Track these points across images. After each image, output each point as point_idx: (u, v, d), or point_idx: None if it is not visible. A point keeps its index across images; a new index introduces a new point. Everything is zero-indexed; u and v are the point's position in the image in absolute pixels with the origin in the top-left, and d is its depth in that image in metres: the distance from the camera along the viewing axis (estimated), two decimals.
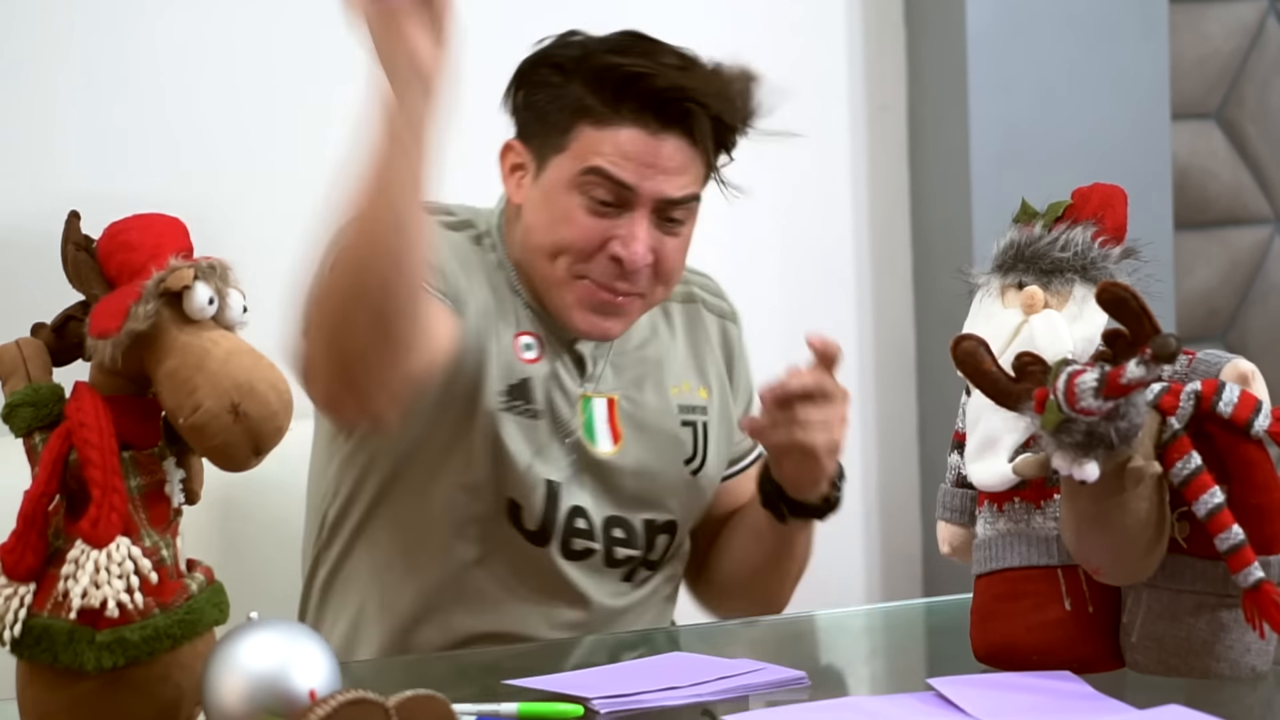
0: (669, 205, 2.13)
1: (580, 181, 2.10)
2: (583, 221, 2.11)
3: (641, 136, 2.10)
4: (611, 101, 2.10)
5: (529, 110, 2.16)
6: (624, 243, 2.10)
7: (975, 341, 1.63)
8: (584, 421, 2.18)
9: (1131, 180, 1.89)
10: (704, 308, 2.32)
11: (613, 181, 2.10)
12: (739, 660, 1.85)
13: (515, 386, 2.14)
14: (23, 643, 1.48)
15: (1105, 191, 1.77)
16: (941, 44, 3.00)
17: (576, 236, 2.11)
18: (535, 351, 2.15)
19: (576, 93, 2.11)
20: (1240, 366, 1.70)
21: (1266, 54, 3.29)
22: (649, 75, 2.10)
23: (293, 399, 1.49)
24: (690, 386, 2.26)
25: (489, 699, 1.65)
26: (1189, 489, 1.60)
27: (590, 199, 2.10)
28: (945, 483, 1.83)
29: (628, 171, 2.10)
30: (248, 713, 1.42)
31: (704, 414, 2.26)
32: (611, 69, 2.11)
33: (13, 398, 1.51)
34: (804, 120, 2.99)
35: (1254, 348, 3.28)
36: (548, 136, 2.13)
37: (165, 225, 1.52)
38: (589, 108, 2.11)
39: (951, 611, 2.03)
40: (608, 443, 2.19)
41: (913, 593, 3.08)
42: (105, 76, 2.65)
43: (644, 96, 2.10)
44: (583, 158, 2.10)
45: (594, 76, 2.11)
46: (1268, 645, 1.66)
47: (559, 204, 2.12)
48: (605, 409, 2.20)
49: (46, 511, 1.48)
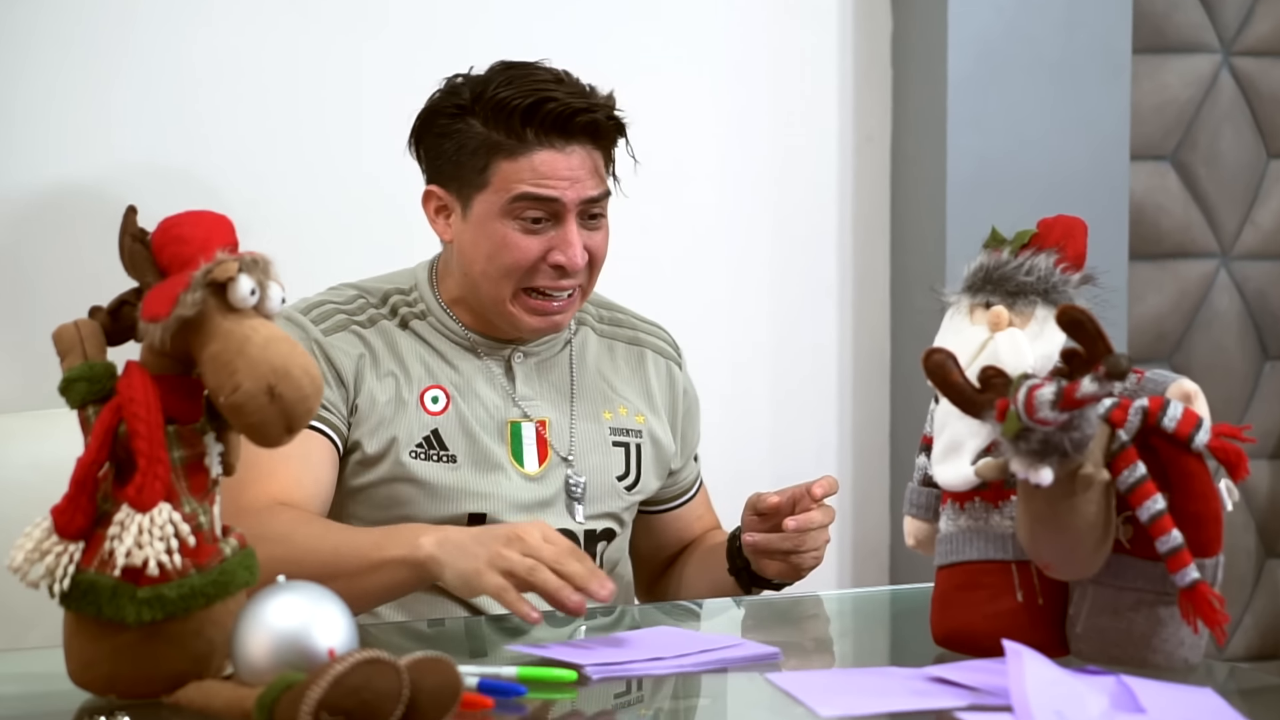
0: (590, 205, 2.17)
1: (510, 209, 2.14)
2: (521, 243, 2.15)
3: (552, 155, 2.15)
4: (519, 132, 2.14)
5: (440, 157, 2.19)
6: (562, 250, 2.15)
7: (944, 354, 1.63)
8: (511, 446, 2.19)
9: (1092, 213, 1.89)
10: (649, 350, 2.34)
11: (540, 201, 2.14)
12: (719, 635, 1.86)
13: (428, 439, 2.17)
14: (70, 596, 1.48)
15: (1067, 223, 1.77)
16: (924, 84, 3.00)
17: (519, 257, 2.15)
18: (441, 403, 2.18)
19: (480, 132, 2.15)
20: (1184, 386, 1.70)
21: (1219, 103, 3.29)
22: (545, 101, 2.14)
23: (323, 384, 1.49)
24: (627, 411, 2.29)
25: (490, 663, 1.65)
26: (1134, 495, 1.60)
27: (522, 221, 2.15)
28: (913, 482, 1.84)
29: (550, 188, 2.14)
30: (272, 666, 1.42)
31: (639, 437, 2.29)
32: (509, 103, 2.13)
33: (70, 373, 1.52)
34: (795, 149, 3.03)
35: (1197, 369, 3.28)
36: (466, 177, 2.16)
37: (214, 222, 1.52)
38: (498, 143, 2.14)
39: (914, 599, 2.04)
40: (534, 463, 2.20)
41: (880, 580, 3.08)
42: (162, 59, 2.66)
43: (546, 120, 2.14)
44: (506, 189, 2.14)
45: (494, 114, 2.14)
46: (1199, 640, 1.66)
47: (495, 234, 2.15)
48: (534, 431, 2.21)
49: (96, 478, 1.49)
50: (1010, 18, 2.97)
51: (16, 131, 2.60)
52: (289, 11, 2.71)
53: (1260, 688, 1.84)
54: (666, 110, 2.90)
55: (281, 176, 2.71)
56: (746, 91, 2.99)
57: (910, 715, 1.55)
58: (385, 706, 1.36)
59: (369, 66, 2.74)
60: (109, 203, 2.45)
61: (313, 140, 2.73)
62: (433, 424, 2.17)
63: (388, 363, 2.17)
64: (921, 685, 1.60)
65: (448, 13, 2.78)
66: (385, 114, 2.35)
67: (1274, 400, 3.38)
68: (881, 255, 3.08)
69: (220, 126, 2.68)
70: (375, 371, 2.16)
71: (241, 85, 2.69)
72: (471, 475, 2.17)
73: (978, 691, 1.56)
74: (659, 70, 2.91)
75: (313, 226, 2.72)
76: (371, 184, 2.72)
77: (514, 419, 2.21)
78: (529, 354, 2.24)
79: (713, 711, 1.66)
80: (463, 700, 1.44)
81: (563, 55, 2.25)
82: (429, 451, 2.16)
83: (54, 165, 2.61)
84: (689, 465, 2.37)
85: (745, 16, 2.97)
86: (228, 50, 2.68)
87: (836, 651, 2.01)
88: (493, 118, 2.14)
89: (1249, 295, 3.35)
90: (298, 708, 1.34)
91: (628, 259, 2.82)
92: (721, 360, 2.99)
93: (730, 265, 3.00)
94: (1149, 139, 3.24)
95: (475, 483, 2.17)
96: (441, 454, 2.16)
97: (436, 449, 2.16)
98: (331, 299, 2.20)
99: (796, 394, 3.04)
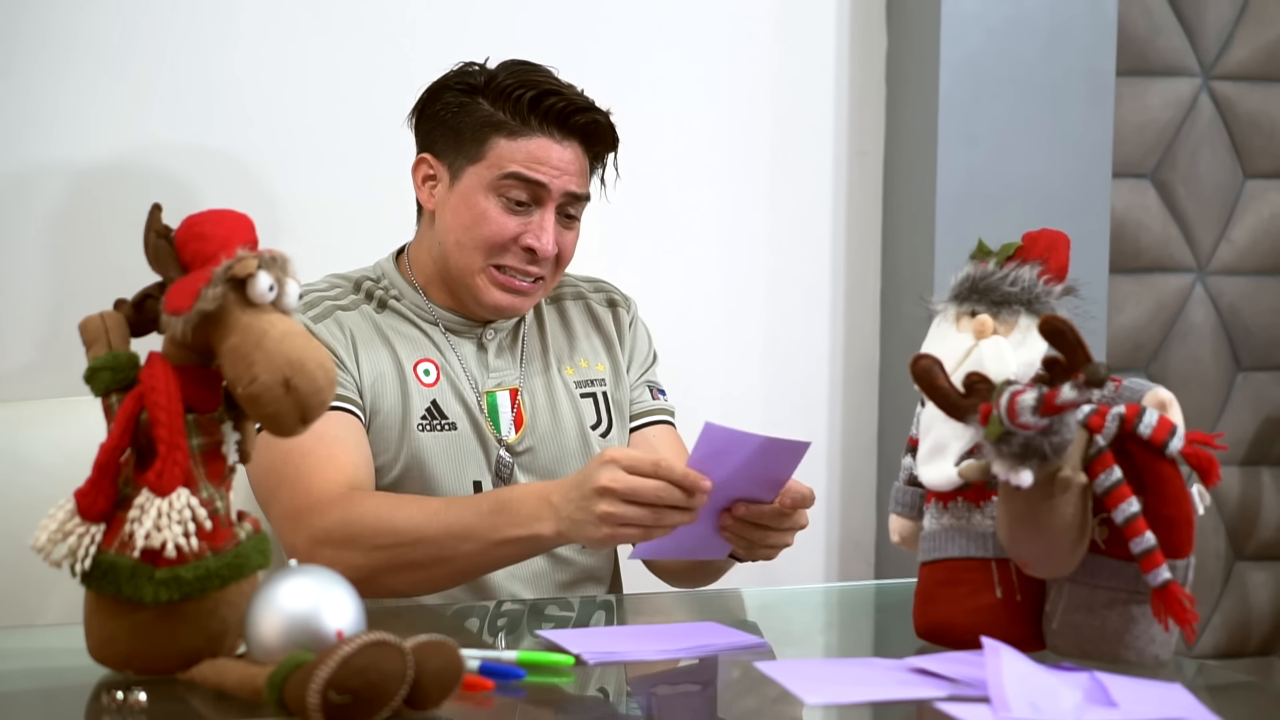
0: (571, 200, 2.20)
1: (497, 185, 2.17)
2: (499, 219, 2.17)
3: (550, 144, 2.18)
4: (523, 115, 2.17)
5: (440, 127, 2.21)
6: (535, 235, 2.17)
7: (931, 360, 1.63)
8: (489, 414, 2.19)
9: (1074, 227, 1.89)
10: (592, 301, 2.36)
11: (528, 182, 2.17)
12: (708, 624, 1.85)
13: (429, 410, 2.18)
14: (91, 575, 1.48)
15: (1051, 236, 1.77)
16: (916, 100, 2.99)
17: (495, 232, 2.17)
18: (433, 375, 2.19)
19: (486, 110, 2.18)
20: (1160, 394, 1.70)
21: (1198, 125, 3.29)
22: (551, 93, 2.18)
23: (337, 377, 1.49)
24: (588, 363, 2.31)
25: (491, 647, 1.65)
26: (1110, 498, 1.60)
27: (505, 200, 2.17)
28: (899, 481, 1.83)
29: (539, 173, 2.17)
30: (283, 646, 1.42)
31: (603, 385, 2.30)
32: (517, 89, 2.18)
33: (95, 362, 1.52)
34: (793, 161, 3.03)
35: (1173, 379, 3.28)
36: (461, 148, 2.19)
37: (235, 220, 1.52)
38: (501, 122, 2.18)
39: (898, 593, 2.03)
40: (512, 430, 2.21)
41: (865, 575, 3.08)
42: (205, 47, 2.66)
43: (550, 111, 2.17)
44: (499, 165, 2.17)
45: (503, 95, 2.18)
46: (1170, 637, 1.66)
47: (476, 206, 2.18)
48: (508, 399, 2.22)
49: (118, 463, 1.49)
50: (1000, 40, 2.97)
51: (51, 128, 2.60)
52: (315, 14, 2.71)
53: (1227, 684, 1.84)
54: (668, 124, 2.90)
55: (307, 176, 2.70)
56: (746, 107, 2.99)
57: (892, 704, 1.55)
58: (390, 687, 1.36)
59: (392, 69, 2.74)
60: (135, 199, 2.45)
61: (337, 140, 2.73)
62: (431, 395, 2.18)
63: (377, 341, 2.19)
64: (903, 676, 1.60)
65: (464, 23, 2.78)
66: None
67: (1245, 409, 3.38)
68: (873, 264, 3.08)
69: (246, 125, 2.68)
70: (368, 351, 2.17)
71: (267, 85, 2.69)
72: (470, 443, 2.18)
73: (957, 683, 1.56)
74: (661, 86, 2.91)
75: (336, 225, 2.72)
76: (391, 182, 2.72)
77: (489, 389, 2.22)
78: (498, 330, 2.26)
79: (703, 697, 1.66)
80: (465, 682, 1.44)
81: (565, 70, 2.26)
82: (433, 422, 2.17)
83: (83, 162, 2.61)
84: (641, 389, 2.34)
85: (746, 36, 2.97)
86: (254, 51, 2.68)
87: (822, 642, 2.01)
88: (500, 99, 2.18)
89: (1223, 309, 3.35)
90: (306, 686, 1.34)
91: (627, 266, 2.84)
92: (717, 362, 2.99)
93: (727, 271, 3.00)
94: (1130, 158, 3.24)
95: (474, 450, 2.18)
96: (443, 423, 2.17)
97: (439, 419, 2.17)
98: (313, 288, 2.22)
99: (788, 395, 3.04)
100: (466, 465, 2.17)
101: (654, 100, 2.85)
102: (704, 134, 2.96)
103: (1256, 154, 3.34)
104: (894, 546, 1.85)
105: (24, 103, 2.58)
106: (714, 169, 2.98)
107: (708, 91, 2.96)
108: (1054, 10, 2.99)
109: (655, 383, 2.36)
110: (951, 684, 1.56)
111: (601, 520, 1.82)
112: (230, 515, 1.53)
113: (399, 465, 2.15)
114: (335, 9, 2.73)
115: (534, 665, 1.61)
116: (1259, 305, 3.36)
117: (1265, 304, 3.36)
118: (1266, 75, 3.33)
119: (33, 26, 2.58)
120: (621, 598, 2.20)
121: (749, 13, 2.97)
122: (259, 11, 2.69)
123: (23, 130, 2.59)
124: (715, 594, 2.18)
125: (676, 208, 2.95)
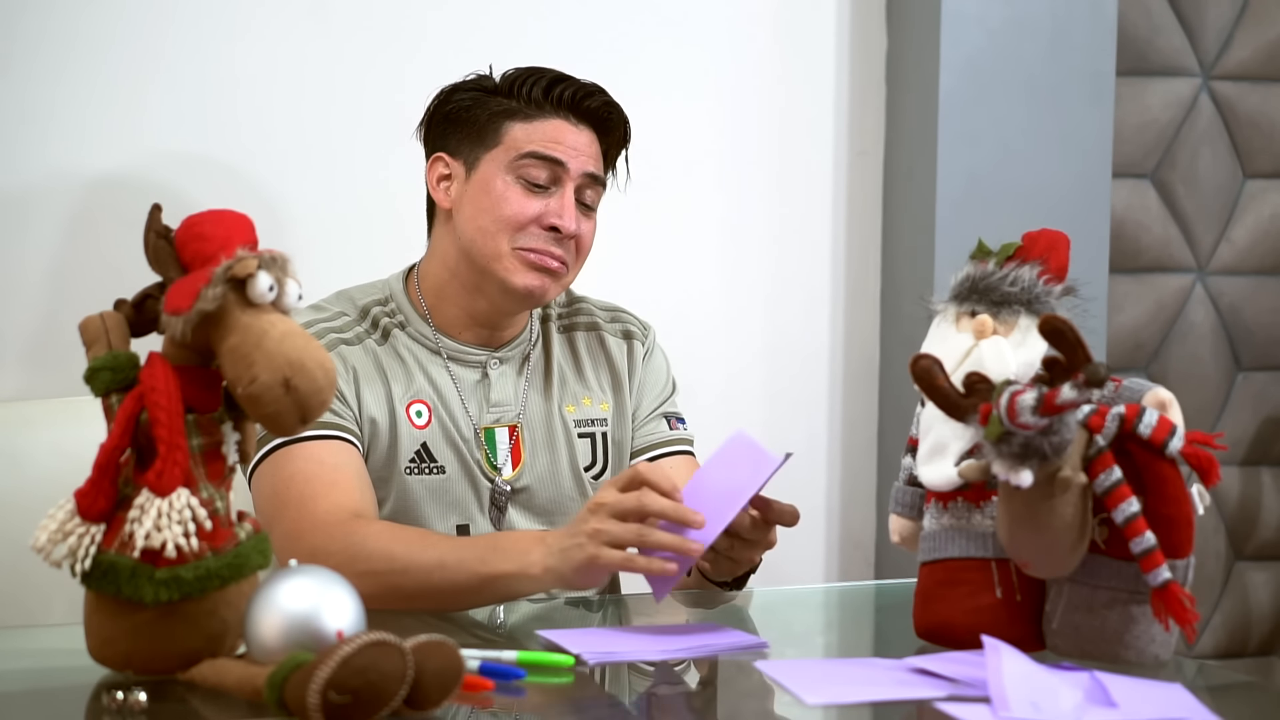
0: (590, 183, 2.21)
1: (515, 166, 2.18)
2: (519, 200, 2.18)
3: (566, 125, 2.20)
4: (537, 100, 2.20)
5: (453, 124, 2.22)
6: (557, 214, 2.18)
7: (931, 360, 1.63)
8: (486, 452, 2.19)
9: (1074, 228, 1.89)
10: (606, 333, 2.33)
11: (546, 161, 2.18)
12: (709, 624, 1.85)
13: (418, 453, 2.17)
14: (91, 575, 1.48)
15: (1051, 236, 1.77)
16: (916, 101, 2.99)
17: (516, 211, 2.17)
18: (425, 417, 2.18)
19: (502, 101, 2.21)
20: (1160, 394, 1.70)
21: (1198, 125, 3.29)
22: (567, 80, 2.22)
23: (336, 377, 1.49)
24: (591, 401, 2.29)
25: (491, 647, 1.65)
26: (1109, 498, 1.60)
27: (524, 181, 2.18)
28: (899, 481, 1.83)
29: (558, 151, 2.19)
30: (283, 647, 1.42)
31: (604, 425, 2.28)
32: (531, 76, 2.21)
33: (95, 362, 1.51)
34: (793, 161, 3.03)
35: (1173, 378, 3.28)
36: (479, 139, 2.21)
37: (235, 220, 1.52)
38: (516, 109, 2.20)
39: (898, 593, 2.03)
40: (509, 467, 2.20)
41: (865, 575, 3.08)
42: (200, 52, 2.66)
43: (563, 96, 2.20)
44: (516, 147, 2.19)
45: (518, 85, 2.21)
46: (1170, 637, 1.66)
47: (496, 189, 2.18)
48: (506, 435, 2.21)
49: (118, 463, 1.49)
50: (1000, 40, 2.97)
51: (49, 129, 2.59)
52: (315, 17, 2.71)
53: (1227, 684, 1.84)
54: (668, 124, 2.90)
55: (306, 177, 2.70)
56: (746, 107, 2.99)
57: (892, 704, 1.55)
58: (390, 687, 1.36)
59: (394, 75, 2.74)
60: (135, 199, 2.45)
61: (336, 142, 2.73)
62: (421, 437, 2.17)
63: (376, 380, 2.17)
64: (903, 676, 1.60)
65: (464, 28, 2.78)
66: (415, 120, 2.35)
67: (1245, 409, 3.37)
68: (873, 264, 3.08)
69: (246, 127, 2.68)
70: (369, 388, 2.16)
71: (265, 87, 2.69)
72: (459, 486, 2.17)
73: (957, 683, 1.56)
74: (662, 87, 2.91)
75: (334, 225, 2.72)
76: (391, 184, 2.72)
77: (487, 425, 2.21)
78: (504, 360, 2.24)
79: (703, 697, 1.66)
80: (464, 682, 1.44)
81: (566, 70, 2.25)
82: (421, 465, 2.16)
83: (83, 162, 2.60)
84: (657, 421, 2.33)
85: (746, 36, 2.98)
86: (253, 53, 2.68)
87: (822, 642, 2.01)
88: (513, 90, 2.20)
89: (1223, 309, 3.35)
90: (306, 686, 1.34)
91: (628, 265, 2.84)
92: (717, 362, 2.99)
93: (728, 271, 3.00)
94: (1130, 158, 3.24)
95: (463, 493, 2.17)
96: (431, 466, 2.16)
97: (427, 461, 2.16)
98: (319, 318, 2.20)
99: (789, 395, 3.04)
100: (450, 509, 2.17)
101: (654, 101, 2.84)
102: (704, 134, 2.96)
103: (1256, 154, 3.34)
104: (894, 546, 1.85)
105: (23, 103, 2.58)
106: (714, 169, 2.98)
107: (708, 92, 2.97)
108: (1054, 10, 2.99)
109: (674, 413, 2.34)
110: (951, 684, 1.56)
111: (590, 537, 1.82)
112: (230, 515, 1.53)
113: (388, 505, 2.15)
114: (335, 13, 2.73)
115: (534, 665, 1.61)
116: (1259, 305, 3.36)
117: (1265, 304, 3.37)
118: (1266, 75, 3.33)
119: (31, 27, 2.58)
120: (621, 598, 2.20)
121: (749, 13, 2.97)
122: (259, 14, 2.69)
123: (23, 130, 2.59)
124: (715, 594, 2.18)
125: (677, 208, 2.95)
